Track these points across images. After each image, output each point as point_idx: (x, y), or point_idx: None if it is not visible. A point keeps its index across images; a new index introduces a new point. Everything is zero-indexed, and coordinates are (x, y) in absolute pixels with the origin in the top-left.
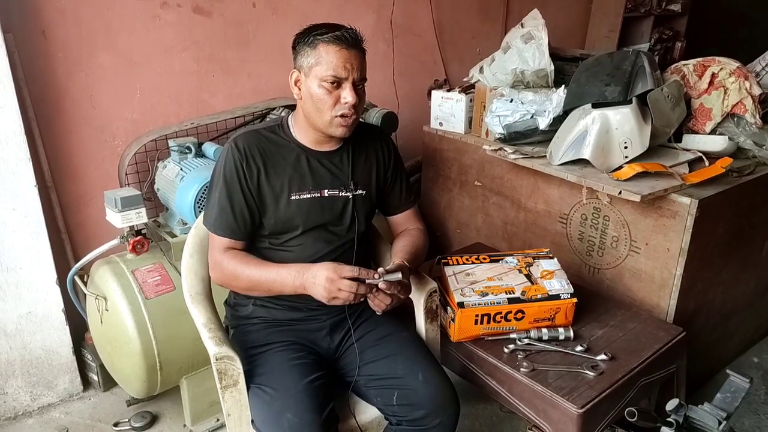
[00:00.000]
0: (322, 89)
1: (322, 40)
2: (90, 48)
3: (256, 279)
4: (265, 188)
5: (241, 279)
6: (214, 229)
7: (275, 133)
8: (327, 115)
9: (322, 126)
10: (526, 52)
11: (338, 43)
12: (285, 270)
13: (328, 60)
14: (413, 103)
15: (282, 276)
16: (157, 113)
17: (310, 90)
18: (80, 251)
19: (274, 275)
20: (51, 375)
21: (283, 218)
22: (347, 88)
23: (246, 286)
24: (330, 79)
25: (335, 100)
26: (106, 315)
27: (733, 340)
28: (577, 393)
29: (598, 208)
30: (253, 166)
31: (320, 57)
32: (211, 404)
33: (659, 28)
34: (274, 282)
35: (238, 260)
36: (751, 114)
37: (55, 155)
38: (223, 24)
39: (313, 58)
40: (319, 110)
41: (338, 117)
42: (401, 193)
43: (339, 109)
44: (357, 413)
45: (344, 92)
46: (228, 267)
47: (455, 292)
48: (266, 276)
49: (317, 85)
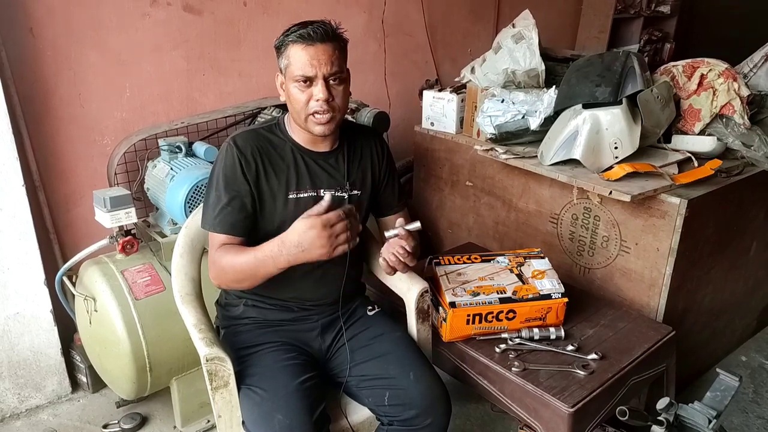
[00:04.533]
0: (296, 89)
1: (290, 39)
2: (79, 46)
3: (247, 264)
4: (263, 187)
5: (228, 271)
6: (213, 226)
7: (273, 133)
8: (303, 113)
9: (302, 125)
10: (516, 51)
11: (303, 41)
12: (268, 246)
13: (295, 59)
14: (405, 103)
15: (267, 253)
16: (146, 112)
17: (288, 91)
18: (69, 251)
19: (260, 255)
20: (39, 376)
21: (280, 217)
22: (318, 85)
23: (232, 277)
24: (300, 78)
25: (308, 98)
26: (95, 316)
27: (721, 339)
28: (568, 392)
29: (588, 208)
30: (252, 163)
31: (290, 57)
32: (202, 405)
33: (649, 29)
34: (264, 262)
35: (225, 252)
36: (740, 115)
37: (43, 154)
38: (214, 23)
39: (286, 60)
40: (296, 110)
41: (312, 115)
42: (393, 193)
43: (312, 107)
44: (348, 414)
45: (315, 89)
46: (220, 261)
47: (447, 292)
48: (254, 259)
49: (292, 86)
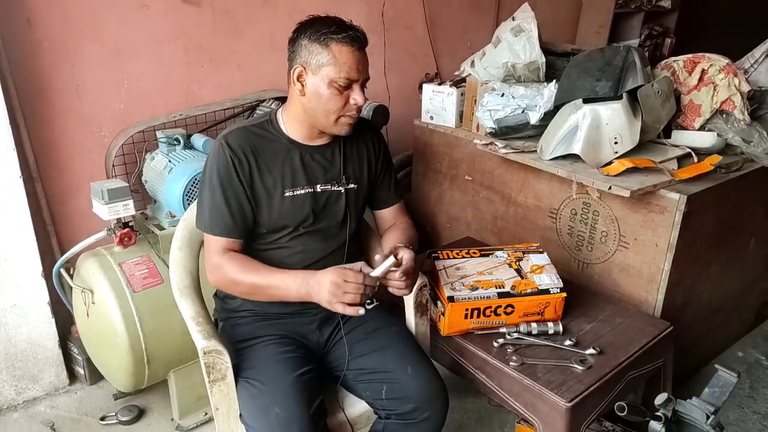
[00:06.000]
0: (333, 89)
1: (336, 39)
2: (76, 37)
3: (259, 285)
4: (258, 185)
5: (243, 284)
6: (209, 229)
7: (264, 129)
8: (334, 115)
9: (326, 125)
10: (516, 44)
11: (352, 45)
12: (290, 278)
13: (342, 61)
14: (404, 97)
15: (286, 283)
16: (144, 104)
17: (318, 89)
18: (66, 243)
19: (278, 281)
20: (36, 368)
21: (277, 215)
22: (357, 90)
23: (247, 291)
24: (343, 82)
25: (345, 101)
26: (92, 308)
27: (719, 334)
28: (566, 387)
29: (587, 203)
30: (245, 163)
31: (333, 57)
32: (199, 398)
33: (649, 24)
34: (278, 288)
35: (239, 264)
36: (740, 110)
37: (40, 146)
38: (213, 14)
39: (325, 57)
40: (326, 110)
41: (345, 117)
42: (390, 186)
43: (348, 110)
44: (346, 407)
45: (354, 93)
46: (229, 272)
47: (445, 286)
48: (269, 282)
49: (327, 85)
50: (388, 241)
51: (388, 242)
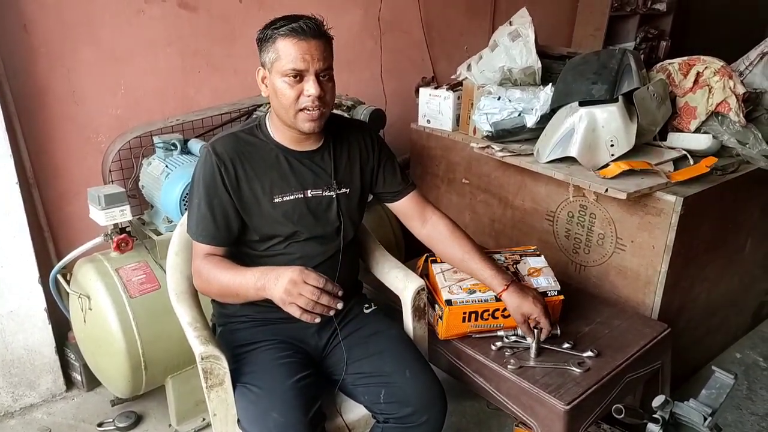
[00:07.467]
0: (285, 84)
1: (279, 33)
2: (73, 43)
3: (225, 284)
4: (246, 192)
5: (213, 284)
6: (195, 236)
7: (253, 135)
8: (291, 109)
9: (289, 122)
10: (513, 49)
11: (295, 35)
12: (250, 273)
13: (286, 53)
14: (401, 101)
15: (246, 279)
16: (141, 109)
17: (274, 86)
18: (63, 249)
19: (240, 279)
20: (33, 375)
21: (268, 222)
22: (309, 81)
23: (217, 292)
24: (290, 73)
25: (298, 94)
26: (89, 314)
27: (716, 336)
28: (564, 389)
29: (584, 205)
30: (231, 170)
31: (279, 51)
32: (197, 403)
33: (644, 27)
34: (240, 286)
35: (213, 265)
36: (735, 113)
37: (37, 151)
38: (209, 19)
39: (273, 53)
40: (283, 105)
41: (302, 111)
42: (395, 178)
43: (302, 103)
44: (344, 412)
45: (306, 85)
46: (204, 273)
47: (443, 289)
48: (233, 280)
49: (280, 80)
50: (467, 265)
51: (467, 266)
